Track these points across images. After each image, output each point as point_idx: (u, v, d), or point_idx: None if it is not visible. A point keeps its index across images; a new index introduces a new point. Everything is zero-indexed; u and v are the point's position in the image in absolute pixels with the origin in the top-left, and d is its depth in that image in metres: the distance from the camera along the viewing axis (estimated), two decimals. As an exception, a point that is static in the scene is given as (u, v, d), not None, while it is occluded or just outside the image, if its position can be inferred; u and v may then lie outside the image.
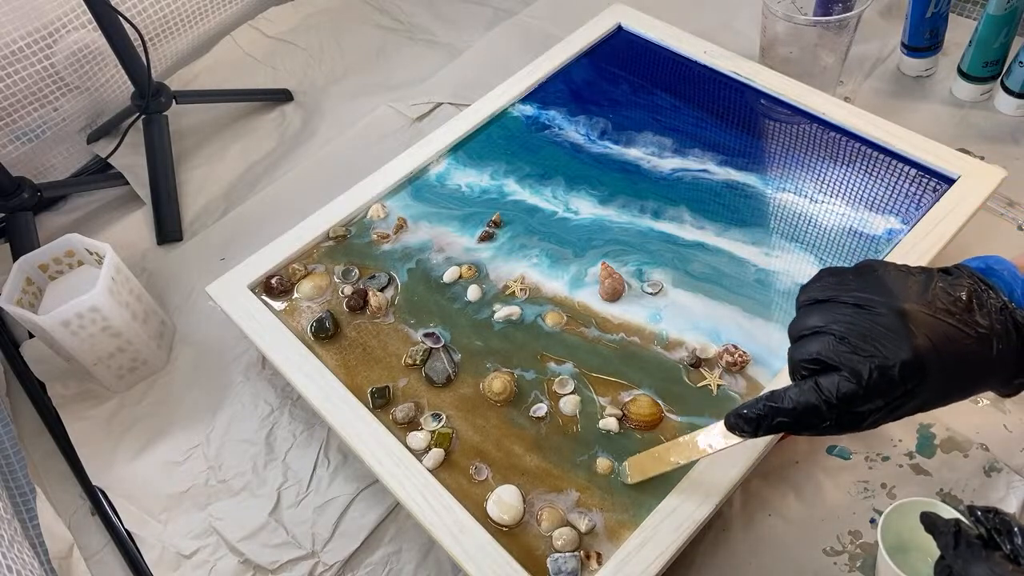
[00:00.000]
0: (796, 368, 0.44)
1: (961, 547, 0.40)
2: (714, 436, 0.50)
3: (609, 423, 0.59)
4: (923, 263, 0.62)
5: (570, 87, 0.84)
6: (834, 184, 0.71)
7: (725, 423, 0.47)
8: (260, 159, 0.95)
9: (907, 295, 0.41)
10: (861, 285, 0.43)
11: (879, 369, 0.40)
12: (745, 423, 0.45)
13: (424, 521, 0.55)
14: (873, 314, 0.41)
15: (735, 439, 0.47)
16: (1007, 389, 0.45)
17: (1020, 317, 0.42)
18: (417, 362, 0.64)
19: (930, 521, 0.43)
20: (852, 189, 0.71)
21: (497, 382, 0.62)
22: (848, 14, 0.77)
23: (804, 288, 0.45)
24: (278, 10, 1.12)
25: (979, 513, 0.40)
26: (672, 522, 0.53)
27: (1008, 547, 0.39)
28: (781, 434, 0.55)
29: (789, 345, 0.45)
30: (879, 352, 0.40)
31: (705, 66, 0.82)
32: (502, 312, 0.66)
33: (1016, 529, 0.39)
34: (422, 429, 0.60)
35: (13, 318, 0.70)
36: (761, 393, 0.45)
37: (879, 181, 0.71)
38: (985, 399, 0.63)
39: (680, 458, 0.53)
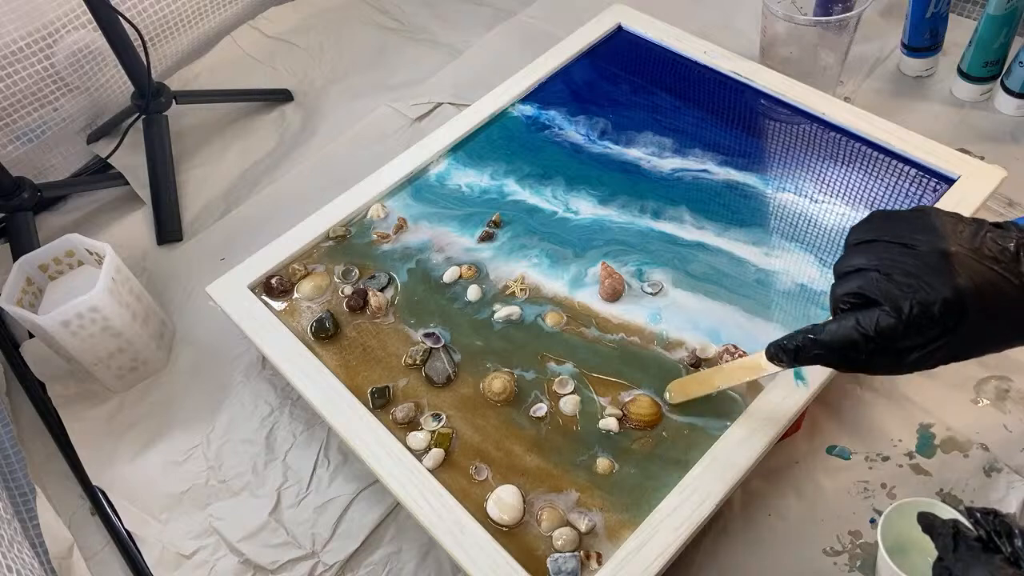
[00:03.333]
0: (837, 303, 0.44)
1: (960, 549, 0.40)
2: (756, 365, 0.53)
3: (609, 423, 0.59)
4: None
5: (570, 87, 0.84)
6: (834, 184, 0.71)
7: (765, 353, 0.48)
8: (260, 159, 0.95)
9: (955, 238, 0.41)
10: (910, 227, 0.43)
11: (920, 304, 0.40)
12: (784, 353, 0.46)
13: (424, 521, 0.55)
14: (918, 253, 0.41)
15: (775, 368, 0.49)
16: None
17: None
18: (417, 362, 0.64)
19: (927, 522, 0.43)
20: (852, 189, 0.71)
21: (497, 382, 0.62)
22: (848, 14, 0.77)
23: (853, 229, 0.45)
24: (278, 10, 1.12)
25: (978, 515, 0.40)
26: (672, 522, 0.53)
27: (1008, 550, 0.39)
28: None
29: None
30: (922, 288, 0.40)
31: (705, 66, 0.82)
32: (502, 312, 0.66)
33: (1017, 531, 0.38)
34: (422, 429, 0.60)
35: (13, 318, 0.70)
36: (802, 327, 0.46)
37: (879, 181, 0.71)
38: (985, 399, 0.63)
39: (723, 382, 0.55)
